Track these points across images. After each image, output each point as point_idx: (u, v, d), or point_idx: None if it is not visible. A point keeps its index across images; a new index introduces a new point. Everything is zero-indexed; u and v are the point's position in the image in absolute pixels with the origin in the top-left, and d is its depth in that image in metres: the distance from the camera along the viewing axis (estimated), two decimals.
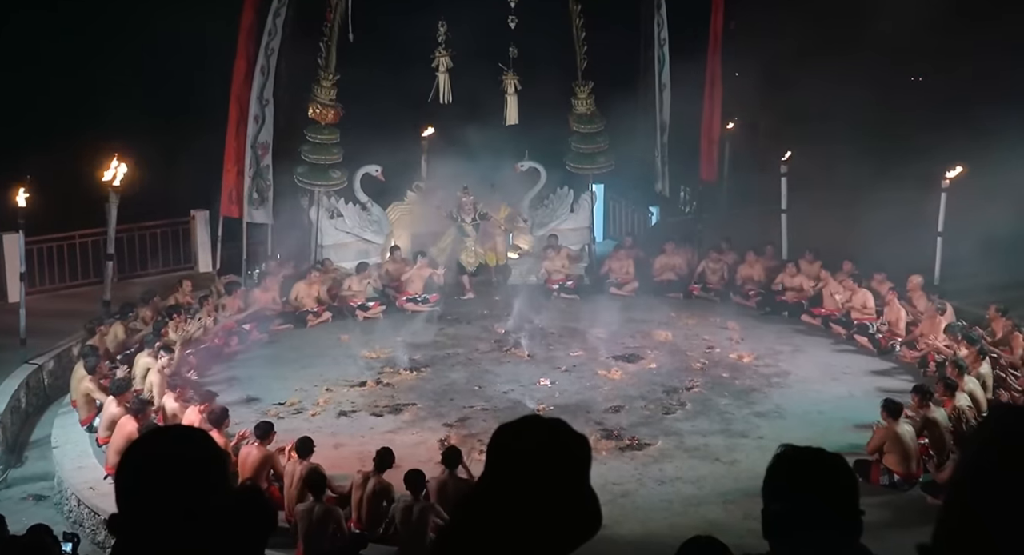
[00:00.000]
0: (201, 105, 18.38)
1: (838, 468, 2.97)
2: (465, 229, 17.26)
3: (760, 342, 15.00)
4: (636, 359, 14.27)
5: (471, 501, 2.66)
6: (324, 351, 14.73)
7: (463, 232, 17.26)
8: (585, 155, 18.85)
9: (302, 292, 16.15)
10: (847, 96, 20.05)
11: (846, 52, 20.48)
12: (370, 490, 9.47)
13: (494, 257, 17.84)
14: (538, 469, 2.54)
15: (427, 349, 14.83)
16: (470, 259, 17.34)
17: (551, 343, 14.98)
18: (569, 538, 2.57)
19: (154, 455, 2.64)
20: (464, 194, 17.25)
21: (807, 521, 2.89)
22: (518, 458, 2.57)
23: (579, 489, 2.59)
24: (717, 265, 17.49)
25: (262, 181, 17.01)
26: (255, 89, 16.62)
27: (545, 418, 2.67)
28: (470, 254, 17.36)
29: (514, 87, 18.31)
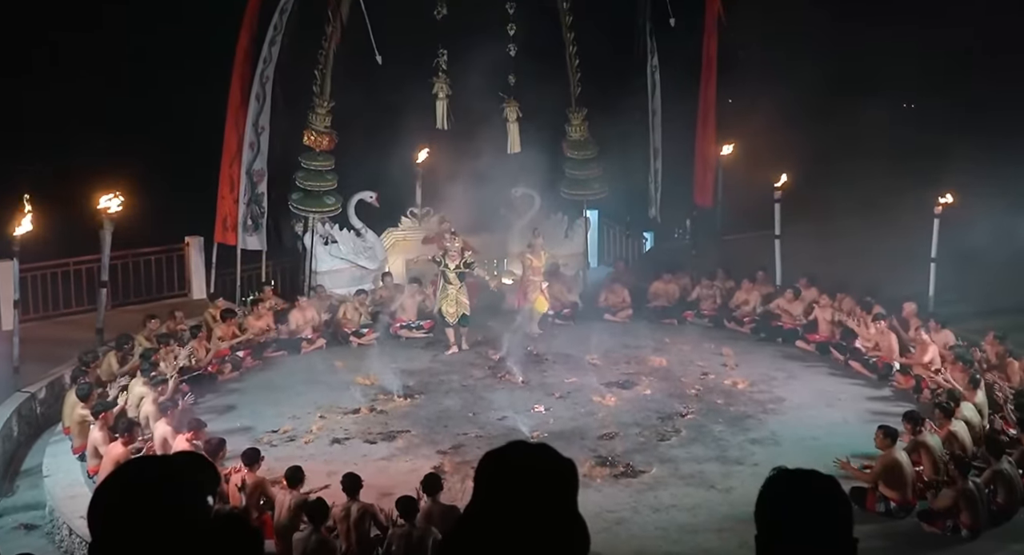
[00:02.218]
0: (196, 132, 18.39)
1: (832, 492, 2.94)
2: (448, 276, 15.73)
3: (755, 368, 14.97)
4: (631, 385, 14.23)
5: (461, 527, 2.64)
6: (318, 378, 14.68)
7: (447, 279, 15.73)
8: (579, 181, 18.93)
9: (296, 319, 16.12)
10: (842, 123, 20.15)
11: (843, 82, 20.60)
12: (355, 516, 9.42)
13: (544, 301, 16.75)
14: (525, 494, 2.52)
15: (421, 375, 14.79)
16: (451, 309, 15.71)
17: (545, 369, 14.96)
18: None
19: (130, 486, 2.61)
20: (451, 239, 15.95)
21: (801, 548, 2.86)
22: (505, 484, 2.55)
23: (567, 513, 2.56)
24: (711, 291, 17.51)
25: (256, 208, 17.06)
26: (250, 116, 16.70)
27: (531, 443, 2.66)
28: (451, 303, 15.75)
29: (516, 115, 18.41)
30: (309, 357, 15.79)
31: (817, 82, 19.75)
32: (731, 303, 17.19)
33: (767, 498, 2.93)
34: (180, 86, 18.89)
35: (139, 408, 11.98)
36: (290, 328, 16.02)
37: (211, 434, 11.13)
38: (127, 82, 19.78)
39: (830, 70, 20.89)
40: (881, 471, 10.45)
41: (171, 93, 19.11)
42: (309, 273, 17.74)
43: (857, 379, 14.54)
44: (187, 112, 18.57)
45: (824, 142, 20.46)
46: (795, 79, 19.14)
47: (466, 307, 15.68)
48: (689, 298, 17.65)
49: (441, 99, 18.03)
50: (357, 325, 16.50)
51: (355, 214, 18.09)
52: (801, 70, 19.39)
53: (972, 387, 12.25)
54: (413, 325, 16.76)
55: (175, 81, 19.03)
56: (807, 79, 19.19)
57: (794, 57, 20.14)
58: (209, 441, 10.62)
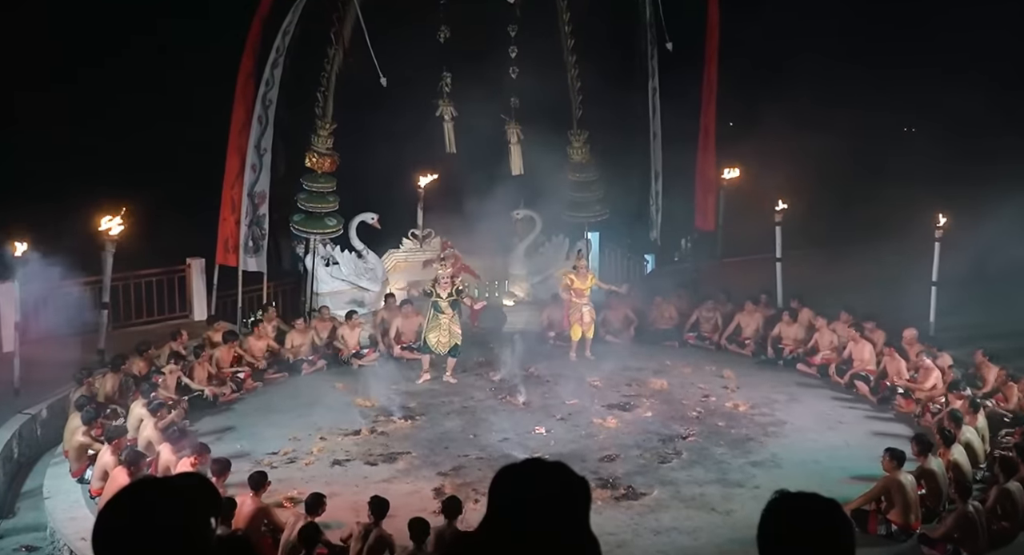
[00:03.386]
0: (198, 153, 18.42)
1: (833, 515, 2.94)
2: (440, 305, 15.35)
3: (756, 391, 14.96)
4: (631, 407, 14.22)
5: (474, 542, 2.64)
6: (318, 399, 14.66)
7: (438, 308, 15.34)
8: (581, 203, 18.98)
9: (297, 340, 16.13)
10: (843, 145, 20.20)
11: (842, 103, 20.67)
12: (371, 542, 9.37)
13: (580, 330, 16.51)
14: (541, 512, 2.52)
15: (422, 397, 14.79)
16: (442, 339, 15.35)
17: (546, 391, 14.95)
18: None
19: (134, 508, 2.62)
20: (441, 266, 15.74)
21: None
22: (522, 500, 2.55)
23: (580, 530, 2.57)
24: (711, 314, 17.53)
25: (257, 230, 17.05)
26: (252, 138, 16.71)
27: (546, 460, 2.66)
28: (443, 333, 15.40)
29: (517, 137, 18.47)
30: (309, 379, 15.80)
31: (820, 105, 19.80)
32: (732, 326, 17.20)
33: (769, 521, 2.93)
34: (182, 108, 18.93)
35: (139, 431, 11.94)
36: (288, 349, 16.05)
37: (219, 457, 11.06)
38: (128, 102, 19.81)
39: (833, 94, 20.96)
40: (880, 491, 10.41)
41: (173, 115, 19.16)
42: (310, 295, 17.75)
43: (858, 402, 14.53)
44: (189, 134, 18.62)
45: (827, 165, 20.48)
46: (797, 103, 19.20)
47: (458, 337, 15.48)
48: (689, 321, 17.67)
49: (447, 121, 18.13)
50: (355, 347, 16.52)
51: (356, 235, 18.12)
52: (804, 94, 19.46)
53: (972, 411, 12.24)
54: (414, 346, 16.69)
55: (177, 103, 19.07)
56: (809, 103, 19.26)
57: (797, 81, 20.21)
58: (216, 461, 10.59)
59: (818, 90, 20.64)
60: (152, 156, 19.27)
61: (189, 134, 18.60)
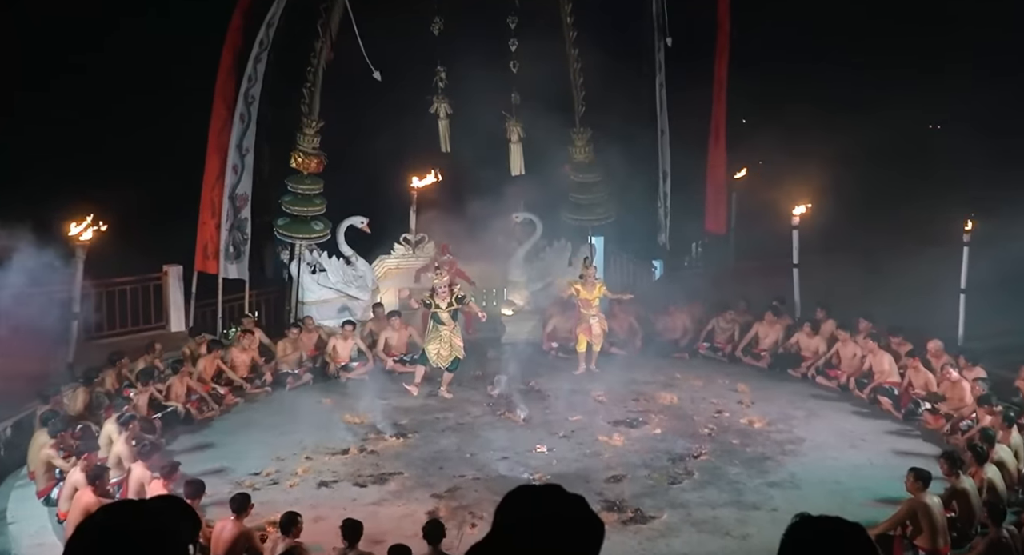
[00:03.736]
0: (176, 153, 18.41)
1: (858, 540, 2.91)
2: (440, 316, 15.31)
3: (772, 406, 14.95)
4: (639, 424, 14.19)
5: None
6: (304, 416, 14.61)
7: (438, 320, 15.33)
8: (583, 206, 19.06)
9: (282, 352, 16.12)
10: (865, 143, 20.17)
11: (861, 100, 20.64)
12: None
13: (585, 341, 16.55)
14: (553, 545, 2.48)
15: (414, 413, 14.75)
16: (442, 352, 15.33)
17: (548, 406, 14.93)
18: None
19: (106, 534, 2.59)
20: (438, 275, 15.62)
21: None
22: (534, 528, 2.52)
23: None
24: (729, 324, 17.55)
25: (239, 234, 17.06)
26: (234, 137, 16.73)
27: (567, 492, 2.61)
28: (444, 345, 15.37)
29: (518, 135, 18.48)
30: (294, 394, 15.77)
31: (839, 100, 19.78)
32: (749, 337, 17.22)
33: (789, 546, 2.91)
34: (159, 105, 18.89)
35: (110, 448, 11.89)
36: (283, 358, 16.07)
37: (192, 478, 11.01)
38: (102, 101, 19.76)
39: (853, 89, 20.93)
40: (905, 515, 10.34)
41: (149, 113, 19.10)
42: (295, 304, 17.75)
43: (882, 418, 14.49)
44: (166, 133, 18.57)
45: (847, 165, 20.44)
46: (815, 97, 19.19)
47: (459, 350, 15.48)
48: (704, 329, 17.68)
49: (442, 119, 18.17)
50: (346, 359, 16.48)
51: (345, 241, 18.12)
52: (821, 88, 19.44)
53: (1007, 426, 12.17)
54: (406, 359, 16.74)
55: (153, 100, 19.02)
56: (827, 97, 19.24)
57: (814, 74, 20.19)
58: (190, 483, 10.54)
59: (839, 85, 20.60)
60: (126, 157, 19.17)
61: (166, 134, 18.54)
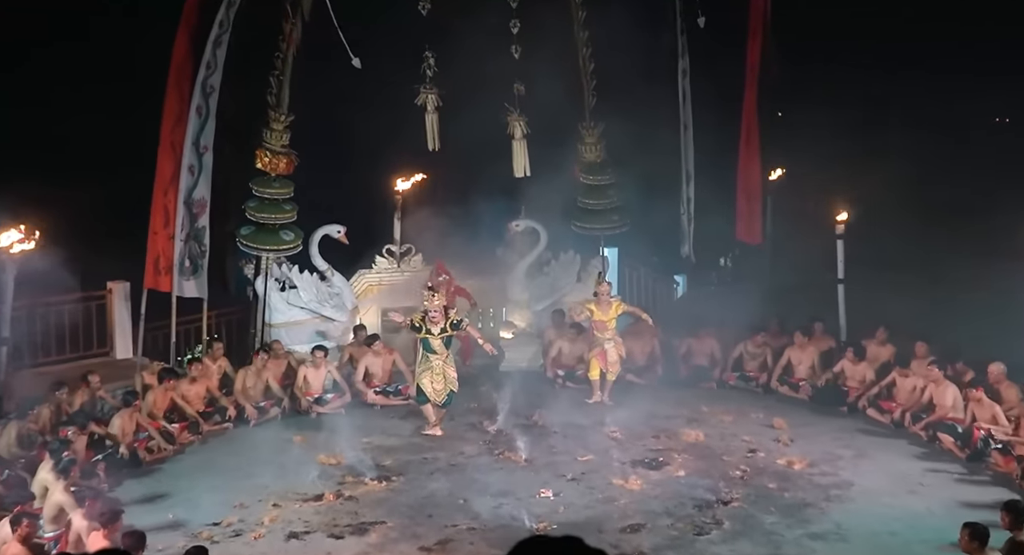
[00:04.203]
0: (123, 152, 18.38)
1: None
2: (431, 344, 15.14)
3: (815, 444, 14.89)
4: (660, 465, 14.12)
5: None
6: (270, 456, 14.54)
7: (428, 348, 15.17)
8: (594, 212, 19.12)
9: (240, 383, 16.04)
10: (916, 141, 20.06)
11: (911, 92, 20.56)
12: None
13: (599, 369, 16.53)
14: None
15: (400, 452, 14.71)
16: (437, 385, 15.17)
17: (554, 444, 14.90)
18: None
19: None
20: (430, 297, 15.25)
21: None
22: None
23: None
24: (759, 349, 17.56)
25: (196, 246, 17.00)
26: (190, 134, 16.65)
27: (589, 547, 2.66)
28: (437, 378, 15.23)
29: (522, 131, 18.51)
30: (260, 430, 15.73)
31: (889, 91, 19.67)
32: (782, 363, 17.22)
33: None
34: (103, 96, 18.85)
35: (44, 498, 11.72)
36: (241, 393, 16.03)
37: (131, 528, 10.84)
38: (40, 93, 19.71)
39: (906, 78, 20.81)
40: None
41: (92, 104, 19.04)
42: (262, 326, 17.72)
43: (944, 459, 14.36)
44: (111, 129, 18.50)
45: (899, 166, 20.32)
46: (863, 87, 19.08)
47: (453, 381, 15.44)
48: (732, 356, 17.67)
49: (430, 112, 18.19)
50: (318, 391, 16.43)
51: (319, 253, 18.09)
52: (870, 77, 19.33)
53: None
54: (389, 390, 16.72)
55: (98, 90, 18.98)
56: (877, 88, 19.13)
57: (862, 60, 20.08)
58: (128, 534, 10.39)
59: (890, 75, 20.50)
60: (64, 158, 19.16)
61: (111, 129, 18.50)
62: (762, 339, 17.57)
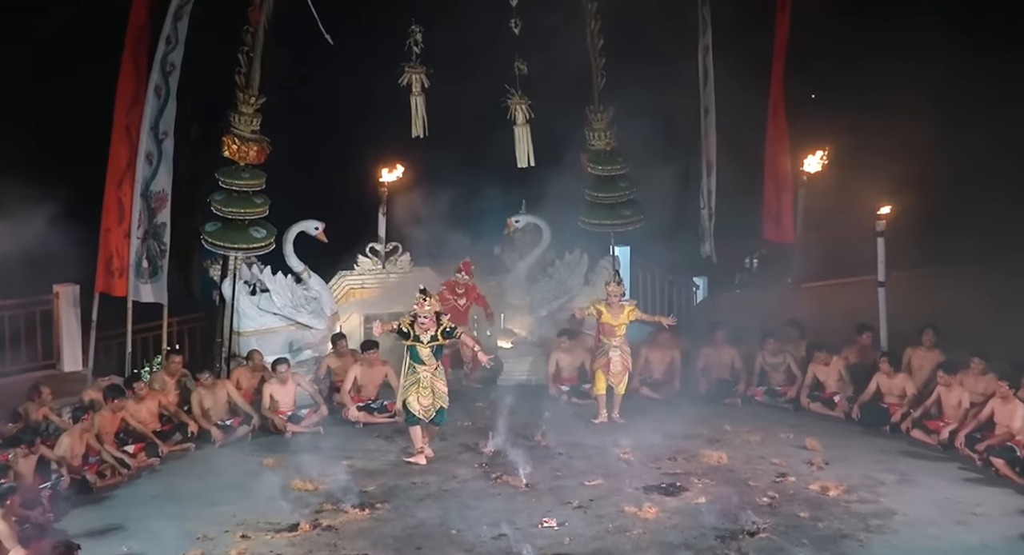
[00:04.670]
0: (71, 136, 18.43)
1: None
2: (420, 353, 14.96)
3: (853, 468, 14.84)
4: (678, 490, 14.09)
5: None
6: (238, 481, 14.51)
7: (416, 358, 14.97)
8: (604, 206, 19.10)
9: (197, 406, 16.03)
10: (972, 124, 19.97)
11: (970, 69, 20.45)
12: None
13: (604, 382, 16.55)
14: None
15: (384, 476, 14.69)
16: (424, 401, 15.01)
17: (558, 467, 14.89)
18: None
19: None
20: (420, 302, 14.99)
21: None
22: None
23: None
24: (777, 358, 17.62)
25: (155, 245, 17.01)
26: (147, 118, 16.65)
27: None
28: (424, 392, 15.06)
29: (524, 115, 18.61)
30: (226, 451, 15.72)
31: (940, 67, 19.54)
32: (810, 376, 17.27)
33: None
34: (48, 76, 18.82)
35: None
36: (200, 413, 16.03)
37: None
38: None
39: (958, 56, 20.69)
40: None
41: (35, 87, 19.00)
42: (230, 335, 17.72)
43: (999, 485, 14.31)
44: (56, 114, 18.57)
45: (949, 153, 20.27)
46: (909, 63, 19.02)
47: (443, 397, 15.29)
48: (757, 368, 17.74)
49: (416, 94, 18.20)
50: (289, 408, 16.46)
51: (294, 253, 18.13)
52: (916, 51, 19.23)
53: None
54: (374, 406, 16.71)
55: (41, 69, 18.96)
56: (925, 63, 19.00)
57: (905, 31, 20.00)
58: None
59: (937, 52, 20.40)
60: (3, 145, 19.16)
61: (56, 113, 18.49)
62: (773, 345, 17.58)
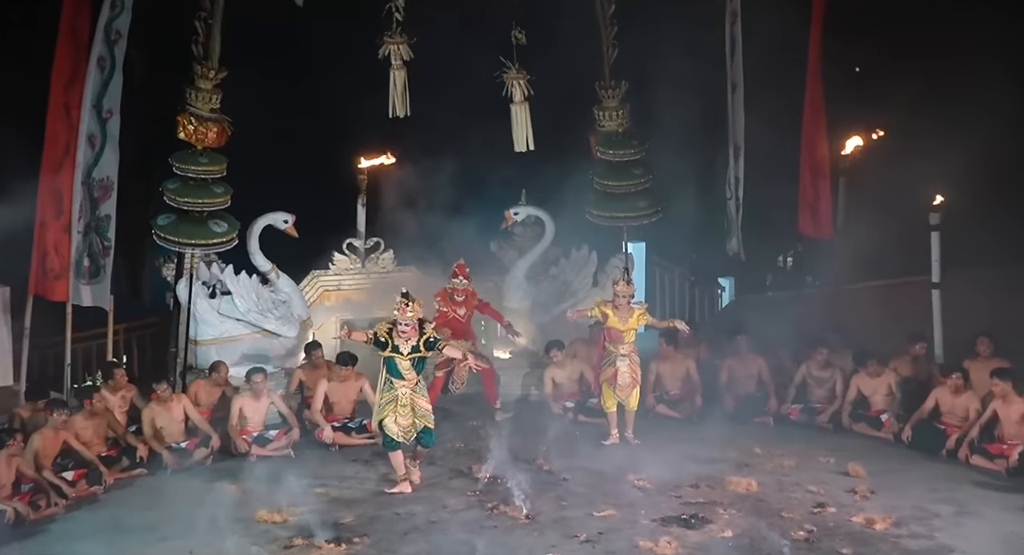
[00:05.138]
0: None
1: None
2: (398, 366, 14.60)
3: (903, 497, 14.56)
4: (700, 523, 13.76)
5: None
6: (195, 512, 14.07)
7: (394, 371, 14.62)
8: (616, 197, 19.22)
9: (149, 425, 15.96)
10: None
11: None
12: None
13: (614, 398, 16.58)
14: None
15: (364, 506, 14.48)
16: (403, 421, 14.68)
17: (563, 495, 14.70)
18: None
19: None
20: (402, 307, 14.74)
21: None
22: None
23: None
24: (825, 372, 17.50)
25: (99, 241, 17.02)
26: (89, 94, 16.75)
27: None
28: (403, 412, 14.70)
29: (523, 92, 18.80)
30: (181, 478, 15.68)
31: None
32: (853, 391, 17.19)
33: None
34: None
35: None
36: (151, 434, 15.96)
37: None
38: None
39: None
40: None
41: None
42: (186, 345, 17.76)
43: None
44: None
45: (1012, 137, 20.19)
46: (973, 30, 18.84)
47: (427, 416, 14.98)
48: (793, 383, 17.69)
49: (397, 68, 18.35)
50: (259, 426, 16.44)
51: (260, 250, 18.26)
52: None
53: None
54: (351, 426, 16.78)
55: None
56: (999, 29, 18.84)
57: None
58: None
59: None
60: None
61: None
62: (824, 356, 17.49)
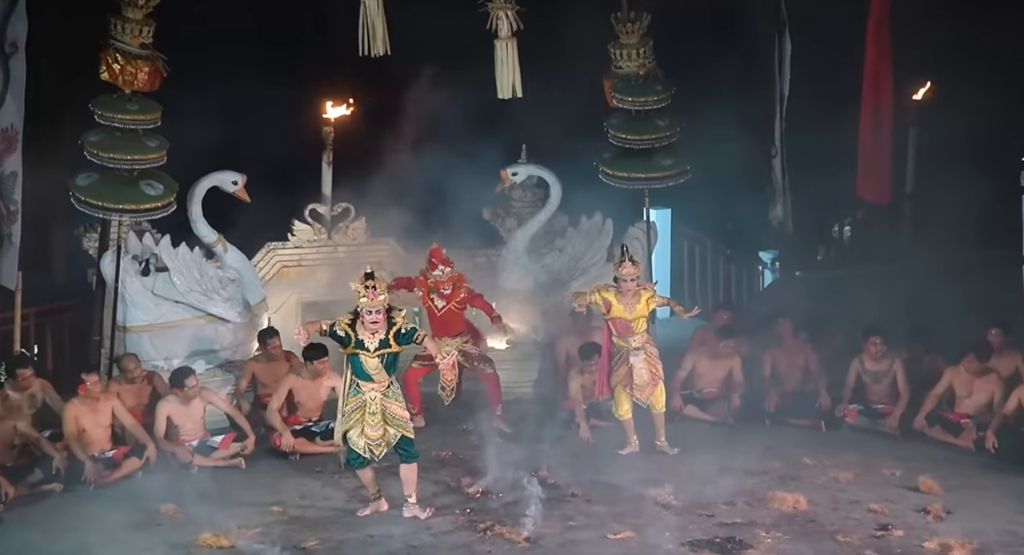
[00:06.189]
0: None
1: None
2: (364, 365, 14.38)
3: (985, 518, 14.50)
4: (738, 547, 13.74)
5: None
6: (122, 535, 14.13)
7: (361, 373, 14.40)
8: (635, 154, 19.10)
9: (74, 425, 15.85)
10: None
11: None
12: None
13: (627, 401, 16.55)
14: None
15: (330, 527, 14.42)
16: (372, 433, 14.48)
17: (572, 514, 14.66)
18: None
19: None
20: (370, 293, 14.29)
21: None
22: None
23: None
24: (880, 365, 17.56)
25: (2, 204, 17.17)
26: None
27: None
28: (373, 421, 14.51)
29: (510, 25, 18.67)
30: (106, 495, 15.55)
31: None
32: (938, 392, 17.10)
33: None
34: None
35: None
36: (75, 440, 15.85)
37: None
38: None
39: None
40: None
41: None
42: (112, 332, 17.75)
43: None
44: None
45: None
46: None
47: (404, 425, 14.75)
48: (848, 381, 17.68)
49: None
50: (199, 433, 16.54)
51: (203, 217, 18.20)
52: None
53: None
54: (315, 430, 16.89)
55: None
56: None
57: None
58: None
59: None
60: None
61: None
62: (880, 346, 17.41)
